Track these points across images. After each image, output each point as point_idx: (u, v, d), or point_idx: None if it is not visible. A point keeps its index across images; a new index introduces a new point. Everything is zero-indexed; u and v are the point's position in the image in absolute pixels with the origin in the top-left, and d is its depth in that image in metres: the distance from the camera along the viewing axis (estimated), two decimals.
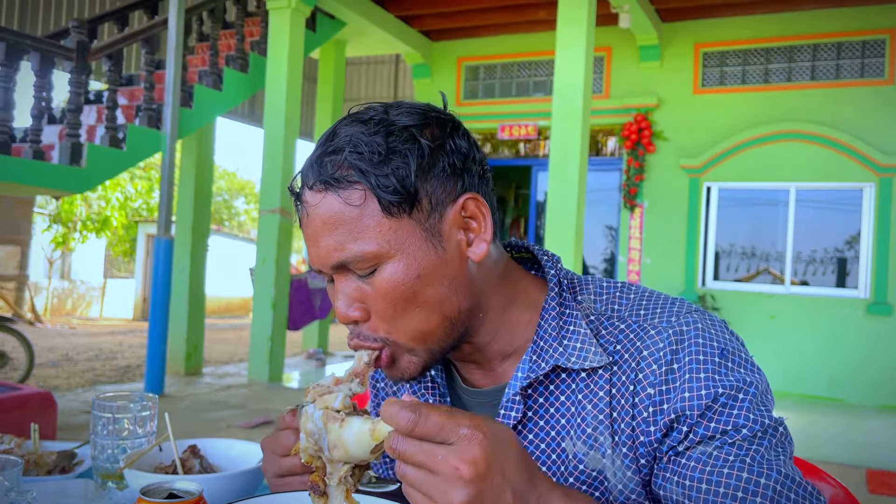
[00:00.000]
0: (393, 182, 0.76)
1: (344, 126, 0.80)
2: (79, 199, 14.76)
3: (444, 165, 0.80)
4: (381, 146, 0.77)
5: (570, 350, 0.84)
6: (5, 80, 5.56)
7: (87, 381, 7.21)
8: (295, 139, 7.37)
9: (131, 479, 0.99)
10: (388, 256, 0.78)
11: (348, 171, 0.77)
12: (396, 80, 13.11)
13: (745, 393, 0.79)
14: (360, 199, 0.77)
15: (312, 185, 0.79)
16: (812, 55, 7.98)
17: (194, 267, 7.92)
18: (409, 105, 0.82)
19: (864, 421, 6.72)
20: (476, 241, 0.83)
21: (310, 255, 0.82)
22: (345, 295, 0.81)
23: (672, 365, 0.80)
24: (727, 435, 0.77)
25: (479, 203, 0.83)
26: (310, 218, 0.80)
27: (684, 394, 0.79)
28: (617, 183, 8.80)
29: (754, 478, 0.74)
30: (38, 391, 3.84)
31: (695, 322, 0.83)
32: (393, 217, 0.77)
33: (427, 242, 0.79)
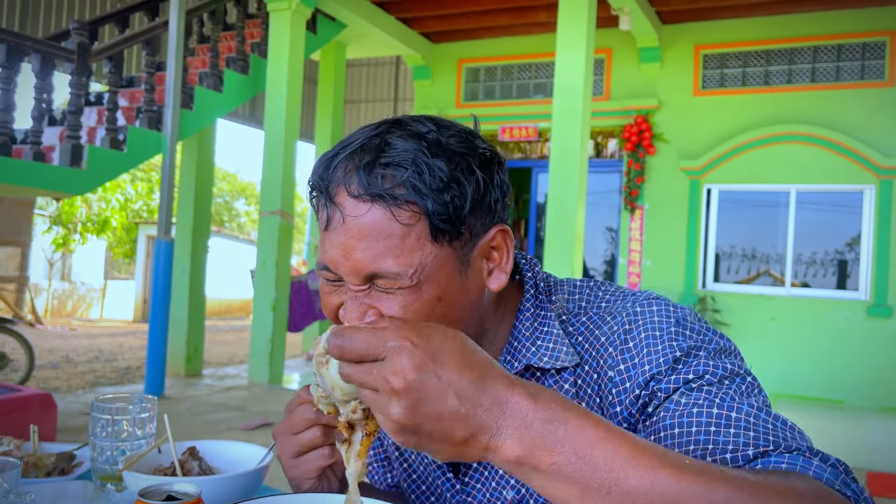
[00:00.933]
0: (449, 211, 0.76)
1: (398, 139, 0.77)
2: (79, 200, 14.77)
3: (490, 201, 0.81)
4: (443, 172, 0.76)
5: (543, 350, 0.86)
6: (6, 82, 5.57)
7: (87, 383, 7.21)
8: (295, 141, 7.37)
9: (130, 480, 0.99)
10: (420, 279, 0.77)
11: (405, 191, 0.75)
12: (397, 82, 13.12)
13: (704, 350, 0.79)
14: (411, 220, 0.75)
15: (358, 195, 0.76)
16: (812, 57, 7.99)
17: (194, 268, 7.92)
18: (456, 129, 0.81)
19: (864, 423, 6.71)
20: (496, 271, 0.84)
21: (334, 261, 0.79)
22: (361, 303, 0.79)
23: (627, 344, 0.81)
24: (691, 382, 0.76)
25: (507, 235, 0.84)
26: (346, 226, 0.77)
27: (644, 367, 0.78)
28: (617, 185, 8.81)
29: (724, 412, 0.72)
30: (39, 393, 3.84)
31: (650, 304, 0.84)
32: (436, 243, 0.77)
33: (456, 270, 0.79)
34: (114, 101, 6.35)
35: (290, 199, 7.31)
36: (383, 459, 1.14)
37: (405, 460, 1.03)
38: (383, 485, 1.15)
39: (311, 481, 0.87)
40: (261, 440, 4.78)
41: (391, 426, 0.62)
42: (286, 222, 7.24)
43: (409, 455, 1.01)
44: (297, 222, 7.16)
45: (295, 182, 7.47)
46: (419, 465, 1.00)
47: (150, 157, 6.79)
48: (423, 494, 1.01)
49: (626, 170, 8.55)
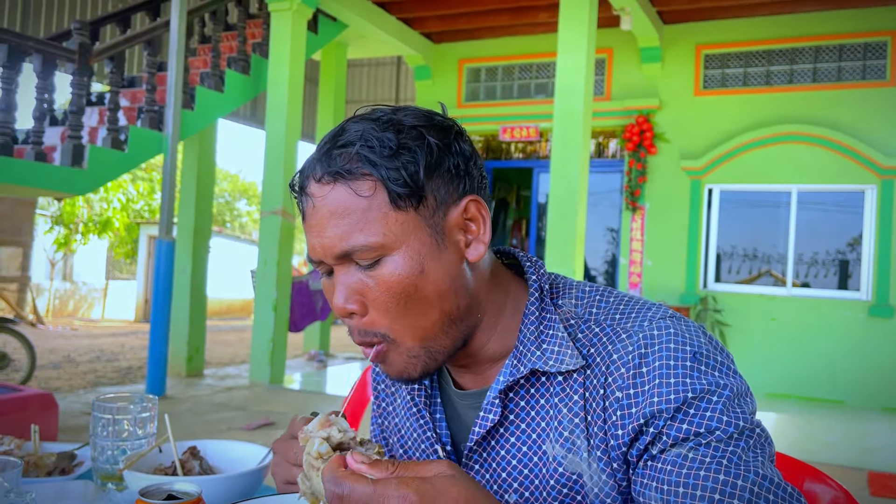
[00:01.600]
0: (403, 175, 0.78)
1: (352, 124, 0.82)
2: (81, 200, 14.78)
3: (450, 166, 0.82)
4: (391, 141, 0.79)
5: (548, 354, 0.85)
6: (8, 82, 5.57)
7: (88, 383, 7.22)
8: (296, 141, 7.38)
9: (131, 480, 0.99)
10: (393, 248, 0.79)
11: (358, 164, 0.79)
12: (398, 82, 13.13)
13: (717, 396, 0.77)
14: (370, 191, 0.79)
15: (320, 178, 0.80)
16: (814, 57, 7.98)
17: (196, 268, 7.93)
18: (413, 109, 0.84)
19: (865, 423, 6.71)
20: (474, 242, 0.84)
21: (312, 247, 0.82)
22: (345, 287, 0.82)
23: (640, 368, 0.80)
24: (700, 437, 0.76)
25: (480, 206, 0.85)
26: (315, 209, 0.81)
27: (653, 398, 0.78)
28: (618, 185, 8.80)
29: (731, 479, 0.73)
30: (40, 392, 3.84)
31: (667, 327, 0.82)
32: (400, 210, 0.79)
33: (430, 238, 0.81)
34: (115, 102, 6.36)
35: (291, 200, 7.31)
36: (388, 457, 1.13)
37: (410, 457, 1.02)
38: None
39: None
40: (262, 440, 4.79)
41: None
42: (287, 222, 7.24)
43: (413, 453, 1.02)
44: (298, 222, 7.15)
45: None
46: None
47: (151, 158, 6.79)
48: None
49: (628, 170, 8.55)
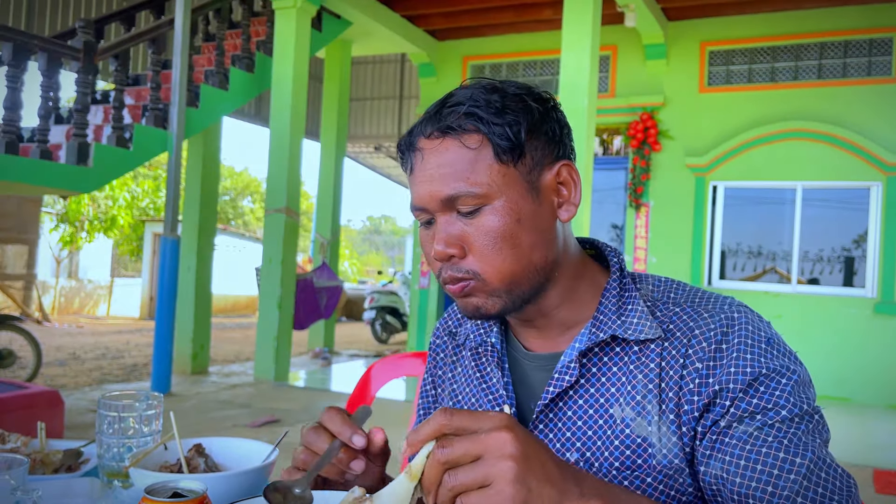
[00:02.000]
0: (507, 132, 0.86)
1: (460, 89, 0.91)
2: (86, 198, 14.81)
3: (547, 130, 0.90)
4: (497, 102, 0.87)
5: (628, 323, 0.92)
6: (13, 80, 5.59)
7: (94, 380, 7.24)
8: (301, 138, 7.38)
9: (136, 477, 1.00)
10: (494, 197, 0.87)
11: (466, 120, 0.87)
12: (402, 80, 13.12)
13: (787, 379, 0.85)
14: (477, 143, 0.87)
15: (430, 134, 0.89)
16: (819, 53, 7.96)
17: (201, 266, 7.95)
18: (514, 81, 0.92)
19: (870, 420, 6.70)
20: (566, 204, 0.93)
21: (419, 195, 0.90)
22: (446, 233, 0.89)
23: (721, 344, 0.86)
24: (767, 415, 0.82)
25: (572, 170, 0.93)
26: (425, 161, 0.89)
27: (730, 369, 0.85)
28: (623, 182, 8.79)
29: (789, 457, 0.80)
30: (46, 390, 3.86)
31: (746, 313, 0.90)
32: (502, 163, 0.87)
33: (527, 193, 0.89)
34: (120, 100, 6.37)
35: (295, 197, 7.32)
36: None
37: None
38: None
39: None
40: (267, 437, 4.80)
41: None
42: (292, 220, 7.25)
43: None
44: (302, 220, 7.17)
45: (301, 180, 7.48)
46: None
47: (156, 155, 6.81)
48: None
49: (632, 167, 8.53)
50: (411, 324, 9.92)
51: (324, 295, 8.41)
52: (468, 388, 1.06)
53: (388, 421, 5.47)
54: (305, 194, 25.51)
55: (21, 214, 13.40)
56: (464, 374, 1.08)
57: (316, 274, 8.42)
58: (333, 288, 8.67)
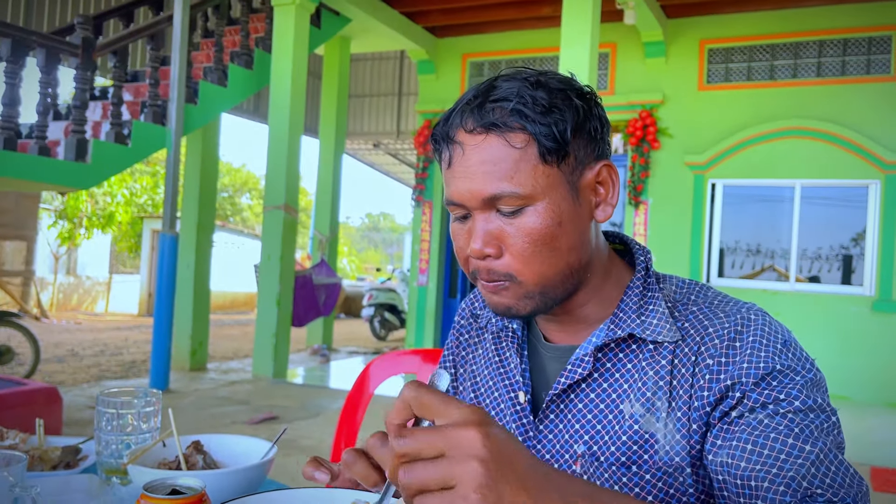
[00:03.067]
0: (553, 132, 0.84)
1: (503, 81, 0.87)
2: (84, 194, 14.80)
3: (590, 129, 0.89)
4: (544, 100, 0.85)
5: (647, 324, 0.92)
6: (11, 77, 5.58)
7: (92, 377, 7.24)
8: (299, 135, 7.38)
9: (135, 474, 1.00)
10: (537, 199, 0.85)
11: (512, 118, 0.84)
12: (401, 77, 13.11)
13: (801, 376, 0.84)
14: (522, 143, 0.84)
15: (473, 129, 0.86)
16: (818, 52, 7.96)
17: (199, 263, 7.94)
18: (554, 72, 0.90)
19: (868, 418, 6.71)
20: (603, 204, 0.92)
21: (458, 191, 0.87)
22: (484, 231, 0.87)
23: (735, 342, 0.86)
24: (780, 405, 0.81)
25: (612, 171, 0.92)
26: (465, 156, 0.86)
27: (742, 364, 0.84)
28: (622, 179, 8.78)
29: (798, 444, 0.78)
30: (44, 386, 3.85)
31: (762, 316, 0.90)
32: (547, 164, 0.85)
33: (569, 195, 0.88)
34: (118, 96, 6.36)
35: (294, 194, 7.32)
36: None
37: (479, 404, 1.05)
38: None
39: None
40: (265, 434, 4.80)
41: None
42: (290, 217, 7.25)
43: (484, 400, 1.06)
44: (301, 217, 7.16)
45: (299, 176, 7.47)
46: (492, 410, 1.04)
47: (154, 152, 6.80)
48: None
49: (631, 164, 8.54)
50: (410, 321, 9.92)
51: (322, 292, 8.41)
52: (487, 370, 1.07)
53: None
54: (304, 191, 25.50)
55: (19, 211, 13.39)
56: (484, 356, 1.09)
57: (315, 271, 8.42)
58: (332, 285, 8.67)
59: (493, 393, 1.05)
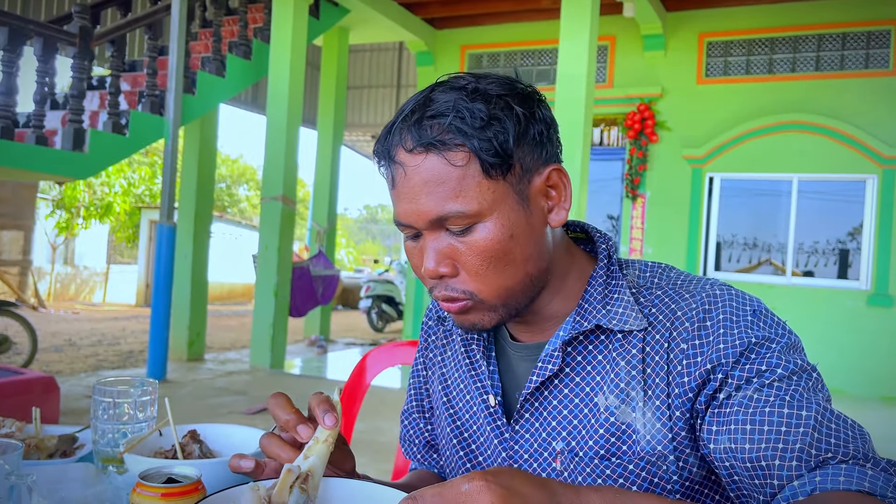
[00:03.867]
0: (494, 145, 0.82)
1: (440, 93, 0.84)
2: (82, 184, 14.76)
3: (534, 133, 0.86)
4: (482, 112, 0.82)
5: (613, 313, 0.91)
6: (8, 65, 5.56)
7: (90, 367, 7.25)
8: (298, 126, 7.36)
9: (131, 463, 1.00)
10: (485, 215, 0.84)
11: (451, 135, 0.82)
12: (399, 68, 13.08)
13: (776, 343, 0.84)
14: (463, 161, 0.82)
15: (412, 148, 0.83)
16: (817, 45, 7.95)
17: (197, 253, 7.94)
18: (495, 76, 0.87)
19: (864, 412, 6.73)
20: (556, 208, 0.90)
21: (404, 212, 0.86)
22: (435, 251, 0.86)
23: (705, 322, 0.86)
24: (763, 376, 0.81)
25: (562, 173, 0.90)
26: (407, 177, 0.84)
27: (719, 345, 0.83)
28: (619, 173, 8.79)
29: (795, 412, 0.78)
30: (42, 376, 3.86)
31: (728, 290, 0.89)
32: (491, 179, 0.83)
33: (518, 205, 0.86)
34: (116, 86, 6.34)
35: (292, 185, 7.31)
36: (426, 411, 1.16)
37: (451, 407, 1.06)
38: (419, 440, 1.17)
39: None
40: (262, 424, 4.81)
41: None
42: (288, 208, 7.24)
43: (456, 403, 1.05)
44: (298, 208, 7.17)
45: (297, 167, 7.46)
46: (465, 412, 1.04)
47: (152, 142, 6.79)
48: (465, 441, 1.04)
49: (629, 158, 8.53)
50: (407, 312, 9.93)
51: (320, 283, 8.41)
52: (457, 373, 1.06)
53: (383, 408, 5.48)
54: (302, 182, 25.46)
55: (17, 200, 13.37)
56: (453, 358, 1.08)
57: (312, 262, 8.42)
58: (330, 276, 8.67)
59: (464, 396, 1.04)
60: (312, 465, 0.80)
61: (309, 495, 0.79)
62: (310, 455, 0.81)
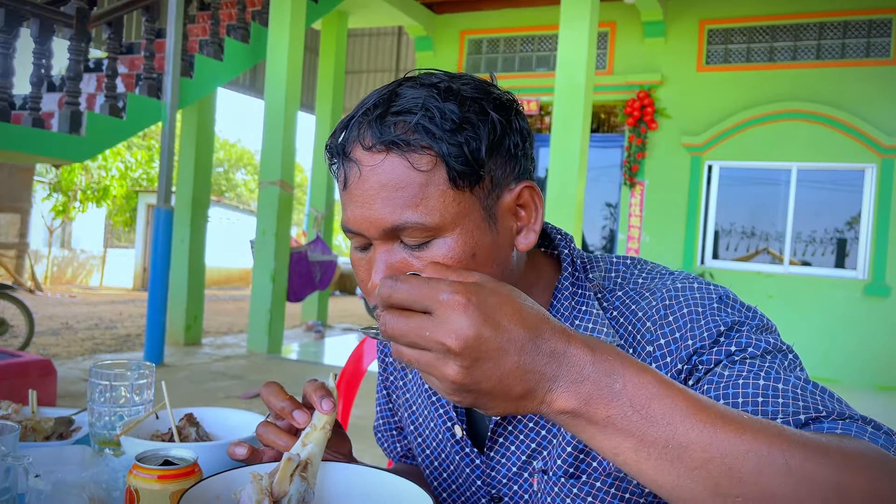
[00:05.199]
0: (464, 152, 0.73)
1: (408, 88, 0.75)
2: (79, 167, 14.72)
3: (510, 145, 0.78)
4: (454, 114, 0.73)
5: (582, 330, 0.85)
6: (5, 47, 5.52)
7: (86, 350, 7.25)
8: (296, 111, 7.33)
9: (127, 446, 1.00)
10: (446, 230, 0.74)
11: (417, 136, 0.73)
12: (398, 53, 13.01)
13: (747, 326, 0.79)
14: (428, 165, 0.73)
15: (371, 146, 0.74)
16: (818, 34, 7.91)
17: (194, 237, 7.93)
18: (470, 77, 0.79)
19: (859, 401, 6.76)
20: (525, 230, 0.81)
21: (354, 217, 0.76)
22: (385, 265, 0.76)
23: (667, 318, 0.81)
24: (734, 355, 0.77)
25: (534, 192, 0.81)
26: (363, 178, 0.74)
27: (687, 341, 0.79)
28: (618, 160, 8.78)
29: (771, 384, 0.72)
30: (38, 358, 3.86)
31: (691, 282, 0.84)
32: (457, 189, 0.74)
33: (484, 222, 0.76)
34: (113, 68, 6.30)
35: (290, 170, 7.29)
36: (394, 429, 1.15)
37: (419, 435, 1.03)
38: (394, 454, 1.16)
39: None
40: (259, 408, 4.82)
41: (447, 387, 0.59)
42: (286, 193, 7.22)
43: (423, 431, 1.01)
44: (296, 193, 7.17)
45: (295, 152, 7.44)
46: (433, 440, 1.00)
47: (149, 125, 6.76)
48: (437, 470, 1.01)
49: (628, 145, 8.52)
50: None
51: (318, 268, 8.41)
52: (419, 399, 1.02)
53: None
54: (300, 167, 25.40)
55: (13, 183, 13.33)
56: (415, 381, 1.04)
57: (310, 247, 8.41)
58: (327, 262, 8.67)
59: (430, 423, 1.00)
60: (311, 452, 0.81)
61: (309, 483, 0.79)
62: (307, 442, 0.81)
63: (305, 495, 0.78)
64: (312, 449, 0.81)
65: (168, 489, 0.80)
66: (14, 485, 0.84)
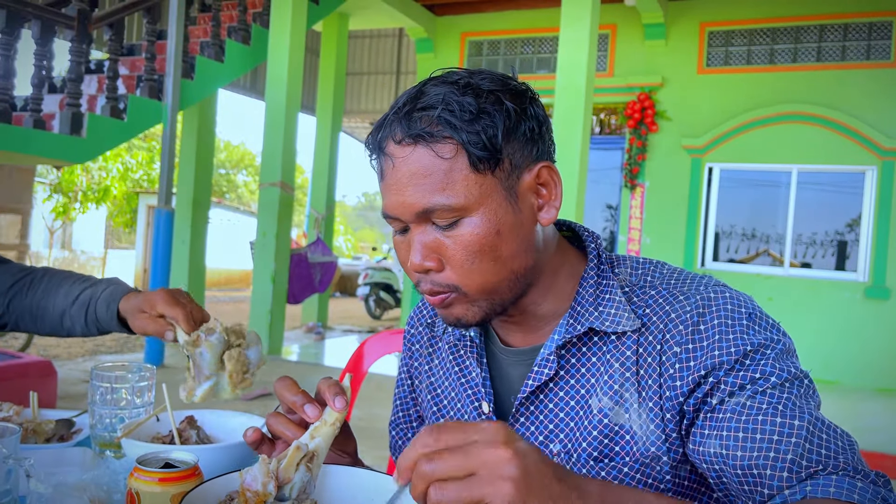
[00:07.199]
0: (482, 139, 0.82)
1: (431, 86, 0.85)
2: (80, 169, 14.73)
3: (525, 130, 0.85)
4: (471, 105, 0.82)
5: (605, 315, 0.90)
6: (6, 48, 5.53)
7: (87, 351, 7.25)
8: (296, 112, 7.34)
9: (128, 448, 1.00)
10: (472, 210, 0.83)
11: (439, 127, 0.82)
12: (399, 55, 13.02)
13: (771, 350, 0.84)
14: (451, 153, 0.82)
15: (401, 140, 0.84)
16: (818, 36, 7.92)
17: (195, 239, 7.94)
18: (489, 72, 0.87)
19: (859, 403, 6.76)
20: (546, 206, 0.89)
21: (392, 204, 0.86)
22: (422, 245, 0.86)
23: (699, 326, 0.85)
24: (757, 384, 0.81)
25: (552, 171, 0.89)
26: (395, 169, 0.84)
27: (713, 352, 0.84)
28: (619, 162, 8.78)
29: (787, 421, 0.79)
30: (39, 360, 3.86)
31: (723, 292, 0.89)
32: (479, 173, 0.83)
33: (506, 201, 0.85)
34: (114, 70, 6.31)
35: (290, 171, 7.30)
36: (415, 419, 1.17)
37: (442, 416, 1.07)
38: None
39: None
40: (259, 410, 4.82)
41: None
42: (286, 194, 7.23)
43: (447, 412, 1.06)
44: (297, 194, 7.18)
45: (296, 153, 7.44)
46: (458, 418, 1.03)
47: (150, 127, 6.76)
48: None
49: (628, 147, 8.52)
50: (405, 300, 9.94)
51: (318, 270, 8.41)
52: (447, 381, 1.06)
53: (380, 395, 5.49)
54: (300, 169, 25.41)
55: (14, 184, 13.33)
56: (441, 366, 1.08)
57: (310, 249, 8.41)
58: (328, 263, 8.67)
59: (455, 404, 1.04)
60: (318, 445, 0.83)
61: (312, 474, 0.81)
62: (316, 436, 0.84)
63: (307, 486, 0.81)
64: (320, 443, 0.83)
65: (169, 492, 0.80)
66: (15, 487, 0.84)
